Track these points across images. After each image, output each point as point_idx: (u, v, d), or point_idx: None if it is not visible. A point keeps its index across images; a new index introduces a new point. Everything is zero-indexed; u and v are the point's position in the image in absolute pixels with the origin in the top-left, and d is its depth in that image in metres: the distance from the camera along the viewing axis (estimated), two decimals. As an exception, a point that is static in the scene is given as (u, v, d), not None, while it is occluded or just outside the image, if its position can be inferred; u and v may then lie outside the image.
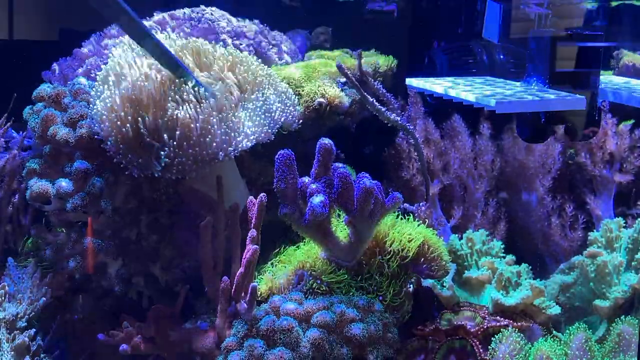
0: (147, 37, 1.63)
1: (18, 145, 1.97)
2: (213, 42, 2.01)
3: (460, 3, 2.48)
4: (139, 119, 1.67)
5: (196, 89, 1.70)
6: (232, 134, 1.69)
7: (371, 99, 1.86)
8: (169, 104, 1.68)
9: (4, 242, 1.96)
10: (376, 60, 2.23)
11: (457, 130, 2.23)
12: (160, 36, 1.85)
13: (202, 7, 2.29)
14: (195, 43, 1.86)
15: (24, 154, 1.96)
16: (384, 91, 1.93)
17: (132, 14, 1.52)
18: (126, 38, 1.88)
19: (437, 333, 1.65)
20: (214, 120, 1.68)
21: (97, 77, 1.80)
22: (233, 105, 1.74)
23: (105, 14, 1.50)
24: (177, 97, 1.70)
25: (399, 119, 1.90)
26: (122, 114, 1.67)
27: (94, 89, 1.80)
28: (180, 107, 1.68)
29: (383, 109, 1.87)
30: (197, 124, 1.66)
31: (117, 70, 1.74)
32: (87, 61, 2.15)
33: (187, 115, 1.66)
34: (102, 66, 1.83)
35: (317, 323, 1.51)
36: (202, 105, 1.69)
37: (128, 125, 1.66)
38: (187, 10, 2.28)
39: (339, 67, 1.84)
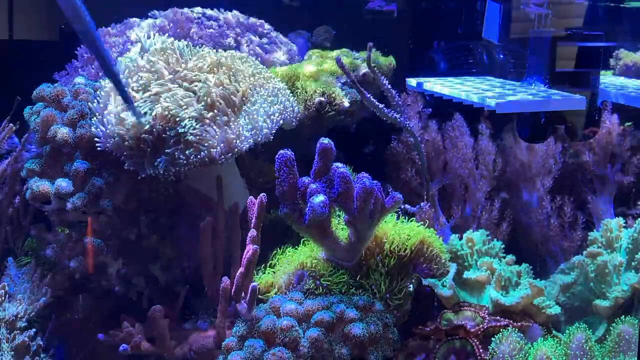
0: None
1: (20, 147, 1.96)
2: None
3: (460, 3, 2.48)
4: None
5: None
6: (231, 137, 1.69)
7: (369, 95, 1.85)
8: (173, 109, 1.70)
9: (4, 242, 1.96)
10: (376, 60, 2.23)
11: (458, 130, 2.23)
12: (159, 38, 1.85)
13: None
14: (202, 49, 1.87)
15: (25, 155, 1.95)
16: (390, 87, 1.92)
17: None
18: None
19: (438, 333, 1.65)
20: (213, 124, 1.68)
21: (103, 87, 1.80)
22: (231, 109, 1.74)
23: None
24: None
25: (398, 117, 1.89)
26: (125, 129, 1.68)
27: (97, 98, 1.80)
28: (182, 111, 1.68)
29: (381, 106, 1.86)
30: (197, 129, 1.66)
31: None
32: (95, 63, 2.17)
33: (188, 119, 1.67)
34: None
35: (317, 323, 1.51)
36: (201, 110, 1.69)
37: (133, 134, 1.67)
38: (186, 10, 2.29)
39: (338, 61, 1.82)
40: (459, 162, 2.21)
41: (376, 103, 1.85)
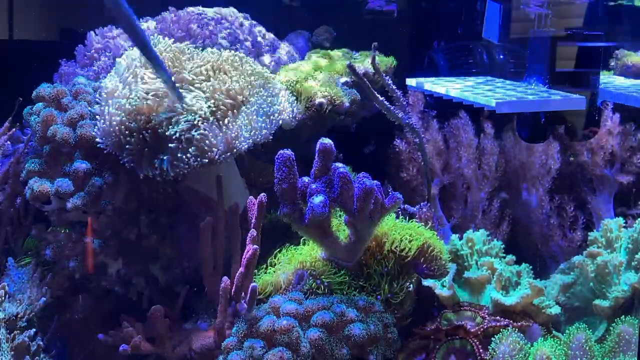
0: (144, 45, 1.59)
1: (22, 148, 1.96)
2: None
3: (460, 3, 2.48)
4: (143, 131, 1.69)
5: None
6: (230, 137, 1.69)
7: (381, 98, 1.86)
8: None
9: (4, 242, 1.96)
10: (377, 60, 2.23)
11: (463, 129, 2.23)
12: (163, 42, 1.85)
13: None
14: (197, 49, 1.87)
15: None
16: (394, 88, 1.93)
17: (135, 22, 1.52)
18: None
19: (438, 333, 1.65)
20: (213, 125, 1.68)
21: (103, 91, 1.80)
22: (230, 110, 1.74)
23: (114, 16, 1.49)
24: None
25: (406, 117, 1.90)
26: (123, 128, 1.69)
27: (97, 99, 1.80)
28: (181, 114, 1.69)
29: (392, 108, 1.86)
30: (196, 130, 1.66)
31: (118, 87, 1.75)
32: (96, 64, 2.17)
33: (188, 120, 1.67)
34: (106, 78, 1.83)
35: (317, 323, 1.51)
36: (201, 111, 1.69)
37: (134, 135, 1.68)
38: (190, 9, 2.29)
39: (350, 66, 1.83)
40: (462, 161, 2.21)
41: (388, 105, 1.85)
